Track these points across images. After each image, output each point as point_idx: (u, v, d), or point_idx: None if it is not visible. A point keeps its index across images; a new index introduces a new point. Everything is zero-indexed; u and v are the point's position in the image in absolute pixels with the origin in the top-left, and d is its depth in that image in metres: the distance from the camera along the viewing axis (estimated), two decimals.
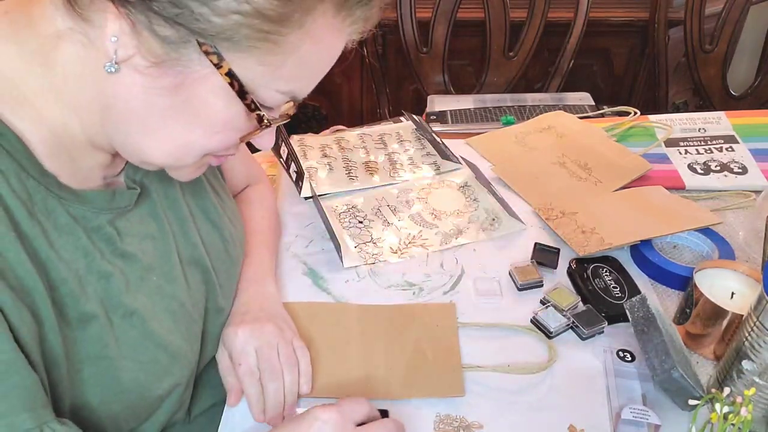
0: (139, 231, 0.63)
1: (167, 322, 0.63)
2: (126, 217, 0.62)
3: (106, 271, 0.58)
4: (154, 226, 0.65)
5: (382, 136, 1.18)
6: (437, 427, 0.68)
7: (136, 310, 0.60)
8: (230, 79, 0.50)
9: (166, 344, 0.62)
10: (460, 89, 1.75)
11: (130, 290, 0.60)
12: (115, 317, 0.59)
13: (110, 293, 0.58)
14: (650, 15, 1.79)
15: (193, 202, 0.72)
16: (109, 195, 0.60)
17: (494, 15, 1.64)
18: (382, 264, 0.90)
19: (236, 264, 0.77)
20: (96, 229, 0.59)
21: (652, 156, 1.12)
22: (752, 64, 1.98)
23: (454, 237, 0.94)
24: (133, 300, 0.60)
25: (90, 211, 0.58)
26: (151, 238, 0.64)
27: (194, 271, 0.69)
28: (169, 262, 0.66)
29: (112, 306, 0.59)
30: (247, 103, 0.52)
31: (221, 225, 0.74)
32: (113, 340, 0.58)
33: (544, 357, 0.76)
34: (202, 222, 0.72)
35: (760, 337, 0.63)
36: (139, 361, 0.60)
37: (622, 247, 0.91)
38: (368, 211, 0.99)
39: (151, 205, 0.65)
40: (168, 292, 0.64)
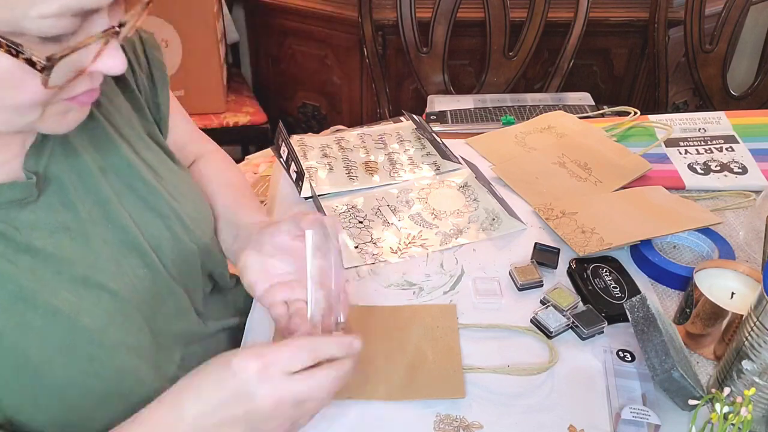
0: (48, 223, 0.58)
1: (100, 314, 0.59)
2: (29, 209, 0.57)
3: (9, 271, 0.54)
4: (67, 215, 0.60)
5: (382, 136, 1.18)
6: (437, 427, 0.68)
7: (59, 308, 0.56)
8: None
9: (101, 338, 0.58)
10: (460, 89, 1.75)
11: (47, 287, 0.56)
12: (34, 319, 0.54)
13: (22, 295, 0.54)
14: (650, 15, 1.79)
15: (117, 181, 0.66)
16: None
17: (494, 15, 1.64)
18: (383, 264, 0.90)
19: (182, 240, 0.70)
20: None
21: (652, 156, 1.12)
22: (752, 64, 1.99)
23: (454, 237, 0.94)
24: (53, 297, 0.56)
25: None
26: (66, 229, 0.59)
27: (128, 255, 0.64)
28: (93, 250, 0.61)
29: (28, 308, 0.54)
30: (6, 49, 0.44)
31: (155, 202, 0.68)
32: (35, 345, 0.54)
33: (545, 357, 0.76)
34: (131, 201, 0.66)
35: (760, 337, 0.63)
36: (71, 359, 0.56)
37: (622, 247, 0.91)
38: (368, 212, 0.99)
39: (62, 194, 0.60)
40: (96, 281, 0.59)
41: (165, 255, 0.68)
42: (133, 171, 0.67)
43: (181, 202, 0.72)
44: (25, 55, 0.45)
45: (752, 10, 1.74)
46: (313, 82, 2.22)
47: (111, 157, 0.66)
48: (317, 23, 2.02)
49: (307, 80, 2.23)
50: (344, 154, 1.12)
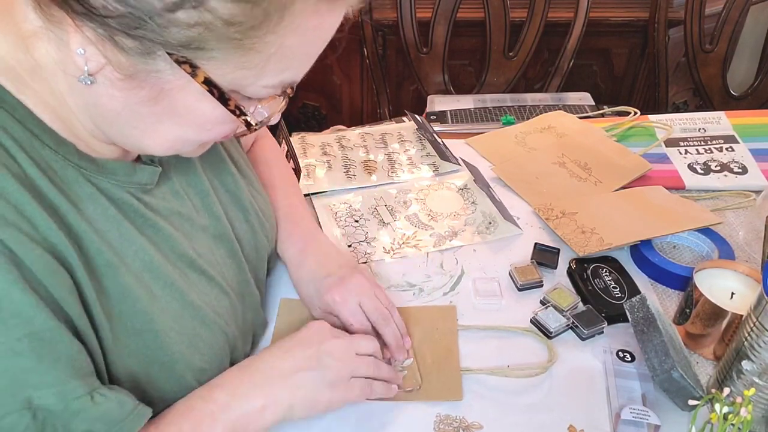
0: (165, 207, 0.62)
1: (202, 295, 0.63)
2: (150, 193, 0.61)
3: (140, 242, 0.58)
4: (177, 203, 0.65)
5: (383, 135, 1.18)
6: (437, 428, 0.68)
7: (174, 282, 0.60)
8: (208, 87, 0.48)
9: (203, 317, 0.62)
10: (460, 89, 1.75)
11: (166, 261, 0.60)
12: (157, 288, 0.58)
13: (149, 265, 0.58)
14: (650, 15, 1.78)
15: (212, 175, 0.71)
16: (130, 168, 0.58)
17: (494, 15, 1.64)
18: (383, 264, 0.90)
19: (256, 233, 0.75)
20: (121, 201, 0.57)
21: (652, 156, 1.12)
22: (752, 64, 1.99)
23: (448, 239, 0.94)
24: (171, 272, 0.60)
25: (112, 183, 0.57)
26: (178, 213, 0.64)
27: (219, 244, 0.69)
28: (195, 237, 0.65)
29: (153, 277, 0.58)
30: (231, 108, 0.50)
31: (241, 196, 0.73)
32: (158, 313, 0.58)
33: (544, 358, 0.76)
34: (222, 194, 0.71)
35: (760, 337, 0.63)
36: (182, 333, 0.60)
37: (622, 247, 0.91)
38: (365, 211, 0.99)
39: (171, 184, 0.65)
40: (199, 266, 0.64)
41: (245, 247, 0.73)
42: (225, 166, 0.73)
43: (255, 197, 0.77)
44: (246, 117, 0.52)
45: (752, 10, 1.74)
46: (313, 82, 2.22)
47: (208, 154, 0.69)
48: None
49: (307, 80, 2.21)
50: (344, 153, 1.12)
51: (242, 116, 0.51)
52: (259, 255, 0.76)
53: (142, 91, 0.48)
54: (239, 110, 0.50)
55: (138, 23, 0.43)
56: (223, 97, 0.49)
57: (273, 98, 0.54)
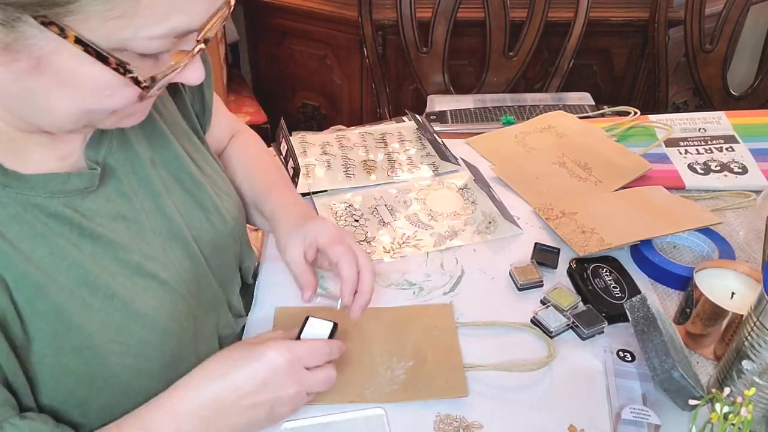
0: (107, 211, 0.61)
1: (151, 301, 0.61)
2: (90, 198, 0.59)
3: (74, 256, 0.56)
4: (124, 205, 0.62)
5: (383, 135, 1.18)
6: (437, 427, 0.68)
7: (116, 292, 0.58)
8: (82, 46, 0.45)
9: (153, 324, 0.61)
10: (460, 89, 1.75)
11: (106, 272, 0.58)
12: (95, 302, 0.57)
13: (85, 278, 0.56)
14: (650, 15, 1.78)
15: (166, 174, 0.68)
16: (63, 177, 0.57)
17: (494, 15, 1.64)
18: (383, 263, 0.90)
19: (219, 232, 0.73)
20: (54, 214, 0.56)
21: (652, 156, 1.12)
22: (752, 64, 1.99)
23: (448, 239, 0.94)
24: (112, 281, 0.58)
25: (42, 197, 0.55)
26: (122, 217, 0.62)
27: (174, 246, 0.66)
28: (145, 240, 0.63)
29: (90, 291, 0.56)
30: (114, 67, 0.47)
31: (199, 195, 0.71)
32: (97, 327, 0.56)
33: (544, 355, 0.76)
34: (177, 194, 0.69)
35: (760, 337, 0.63)
36: (126, 344, 0.58)
37: (622, 247, 0.91)
38: (365, 210, 0.99)
39: (118, 184, 0.62)
40: (148, 271, 0.62)
41: (204, 246, 0.71)
42: (181, 164, 0.70)
43: (219, 195, 0.75)
44: (132, 74, 0.48)
45: (752, 10, 1.74)
46: (313, 82, 2.22)
47: (161, 150, 0.69)
48: (317, 23, 2.02)
49: (307, 80, 2.23)
50: (344, 152, 1.12)
51: (128, 74, 0.48)
52: (222, 253, 0.74)
53: (21, 63, 0.46)
54: (123, 68, 0.47)
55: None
56: (101, 55, 0.46)
57: (182, 54, 0.51)
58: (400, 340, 0.77)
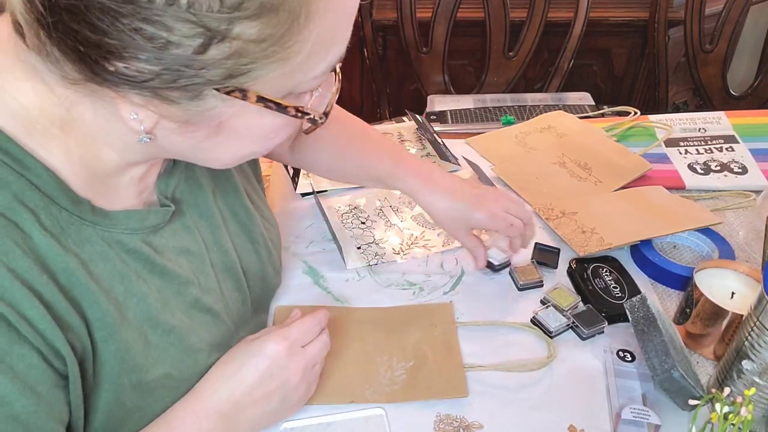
0: (174, 246, 0.62)
1: (205, 335, 0.63)
2: (161, 233, 0.60)
3: (143, 292, 0.57)
4: (188, 239, 0.64)
5: (383, 135, 1.18)
6: (437, 427, 0.68)
7: (174, 327, 0.59)
8: (263, 103, 0.47)
9: (205, 358, 0.63)
10: (460, 89, 1.75)
11: (167, 307, 0.59)
12: (154, 337, 0.58)
13: (149, 314, 0.57)
14: (650, 15, 1.79)
15: (224, 206, 0.70)
16: (143, 214, 0.58)
17: (494, 15, 1.64)
18: (383, 264, 0.90)
19: (264, 265, 0.75)
20: (131, 250, 0.57)
21: (652, 156, 1.12)
22: (752, 64, 1.99)
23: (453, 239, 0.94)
24: (171, 317, 0.59)
25: (124, 233, 0.56)
26: (186, 251, 0.63)
27: (227, 278, 0.68)
28: (204, 273, 0.65)
29: (151, 326, 0.57)
30: (292, 114, 0.50)
31: (251, 227, 0.72)
32: (153, 363, 0.57)
33: (544, 355, 0.76)
34: (233, 226, 0.70)
35: (760, 337, 0.63)
36: (179, 379, 0.60)
37: (622, 247, 0.91)
38: (370, 212, 0.99)
39: (183, 219, 0.64)
40: (205, 304, 0.64)
41: (251, 278, 0.73)
42: (239, 196, 0.71)
43: (268, 229, 0.76)
44: (310, 116, 0.51)
45: (752, 10, 1.74)
46: None
47: (223, 181, 0.69)
48: None
49: None
50: None
51: (305, 116, 0.51)
52: (265, 286, 0.76)
53: (201, 131, 0.49)
54: (300, 112, 0.50)
55: (176, 75, 0.43)
56: (281, 107, 0.48)
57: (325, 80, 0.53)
58: (401, 341, 0.77)
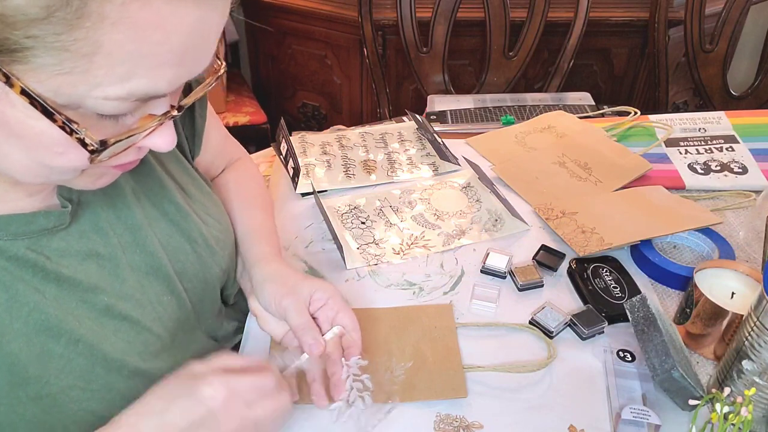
0: (79, 250, 0.58)
1: (120, 344, 0.59)
2: (60, 236, 0.56)
3: (35, 301, 0.53)
4: (98, 241, 0.59)
5: (383, 135, 1.18)
6: (437, 427, 0.68)
7: (82, 336, 0.55)
8: (28, 98, 0.41)
9: (120, 367, 0.58)
10: (460, 89, 1.75)
11: (71, 316, 0.55)
12: (56, 347, 0.54)
13: (46, 324, 0.53)
14: (650, 15, 1.79)
15: (149, 205, 0.65)
16: (27, 218, 0.54)
17: (494, 15, 1.64)
18: (383, 264, 0.90)
19: (205, 264, 0.70)
20: (14, 258, 0.53)
21: (652, 156, 1.12)
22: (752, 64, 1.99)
23: (456, 238, 0.94)
24: (77, 326, 0.55)
25: (3, 239, 0.53)
26: (95, 255, 0.59)
27: (153, 282, 0.64)
28: (119, 278, 0.60)
29: (51, 337, 0.54)
30: (60, 124, 0.43)
31: (186, 226, 0.68)
32: (56, 374, 0.54)
33: (544, 356, 0.76)
34: (162, 227, 0.66)
35: (761, 337, 0.63)
36: (89, 390, 0.56)
37: (622, 247, 0.91)
38: (370, 212, 0.99)
39: (94, 219, 0.59)
40: (119, 311, 0.59)
41: (188, 280, 0.68)
42: (166, 194, 0.67)
43: (209, 224, 0.72)
44: (78, 135, 0.44)
45: (752, 10, 1.74)
46: (313, 82, 2.22)
47: (144, 179, 0.65)
48: (317, 23, 2.02)
49: (307, 80, 2.23)
50: (344, 152, 1.12)
51: (74, 134, 0.44)
52: (208, 286, 0.71)
53: None
54: (69, 128, 0.43)
55: None
56: (47, 110, 0.42)
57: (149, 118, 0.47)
58: (400, 341, 0.77)
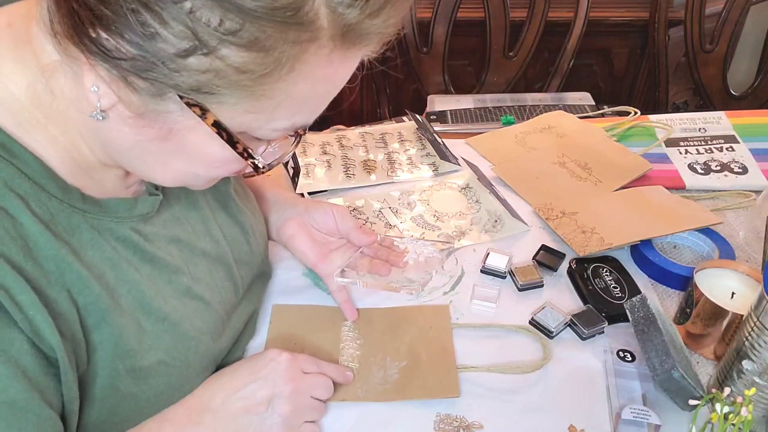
0: (164, 235, 0.63)
1: (197, 322, 0.64)
2: (151, 222, 0.62)
3: (135, 279, 0.58)
4: (177, 228, 0.65)
5: (383, 135, 1.18)
6: (437, 427, 0.68)
7: (168, 315, 0.60)
8: (217, 129, 0.48)
9: (197, 345, 0.63)
10: (460, 89, 1.75)
11: (160, 295, 0.60)
12: (148, 324, 0.58)
13: (142, 301, 0.58)
14: (650, 15, 1.79)
15: (212, 198, 0.72)
16: (131, 203, 0.59)
17: (494, 15, 1.64)
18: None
19: (256, 255, 0.77)
20: (121, 238, 0.58)
21: (652, 156, 1.12)
22: (752, 64, 1.99)
23: (456, 239, 0.94)
24: (164, 304, 0.60)
25: (114, 221, 0.57)
26: (177, 240, 0.64)
27: (218, 267, 0.69)
28: (195, 263, 0.66)
29: (144, 313, 0.58)
30: (239, 151, 0.51)
31: (242, 219, 0.74)
32: (147, 349, 0.58)
33: (541, 357, 0.76)
34: (223, 218, 0.72)
35: (760, 337, 0.63)
36: (173, 365, 0.60)
37: (622, 247, 0.91)
38: (370, 213, 0.99)
39: (172, 209, 0.65)
40: (196, 292, 0.65)
41: (242, 268, 0.74)
42: (227, 188, 0.73)
43: (254, 216, 0.78)
44: (254, 160, 0.52)
45: (752, 10, 1.74)
46: None
47: None
48: None
49: None
50: (344, 152, 1.12)
51: (250, 159, 0.52)
52: (253, 274, 0.78)
53: (152, 130, 0.49)
54: (247, 153, 0.51)
55: (150, 66, 0.44)
56: (232, 139, 0.49)
57: (284, 138, 0.55)
58: (395, 341, 0.77)
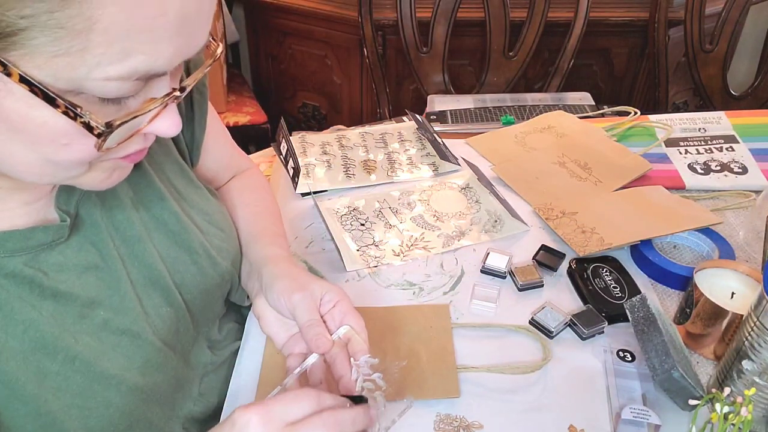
0: (77, 263, 0.57)
1: (120, 359, 0.57)
2: (58, 250, 0.55)
3: (31, 318, 0.52)
4: (97, 254, 0.58)
5: (383, 135, 1.18)
6: (437, 427, 0.68)
7: (79, 353, 0.54)
8: (27, 85, 0.40)
9: (119, 383, 0.57)
10: (460, 89, 1.75)
11: (67, 332, 0.54)
12: (52, 365, 0.53)
13: (42, 342, 0.52)
14: (650, 15, 1.79)
15: (148, 216, 0.64)
16: (25, 234, 0.53)
17: (494, 15, 1.64)
18: (383, 266, 0.90)
19: (209, 275, 0.69)
20: (11, 274, 0.52)
21: (652, 156, 1.12)
22: (752, 64, 1.99)
23: (456, 239, 0.94)
24: (74, 342, 0.54)
25: (2, 256, 0.52)
26: (94, 268, 0.58)
27: (153, 294, 0.63)
28: (119, 291, 0.59)
29: (47, 355, 0.53)
30: (63, 110, 0.42)
31: (185, 236, 0.67)
32: (54, 392, 0.53)
33: (542, 356, 0.76)
34: (160, 238, 0.65)
35: (760, 337, 0.63)
36: (87, 407, 0.55)
37: (622, 247, 0.91)
38: (370, 213, 0.99)
39: (93, 232, 0.58)
40: (118, 326, 0.58)
41: (188, 291, 0.67)
42: (165, 204, 0.66)
43: (210, 233, 0.70)
44: (83, 119, 0.43)
45: (752, 10, 1.74)
46: (313, 82, 2.22)
47: (144, 189, 0.64)
48: (317, 23, 2.02)
49: (307, 80, 2.23)
50: (344, 152, 1.12)
51: (78, 118, 0.43)
52: (209, 297, 0.70)
53: None
54: (72, 111, 0.42)
55: None
56: (48, 96, 0.41)
57: (152, 101, 0.46)
58: (395, 340, 0.77)
